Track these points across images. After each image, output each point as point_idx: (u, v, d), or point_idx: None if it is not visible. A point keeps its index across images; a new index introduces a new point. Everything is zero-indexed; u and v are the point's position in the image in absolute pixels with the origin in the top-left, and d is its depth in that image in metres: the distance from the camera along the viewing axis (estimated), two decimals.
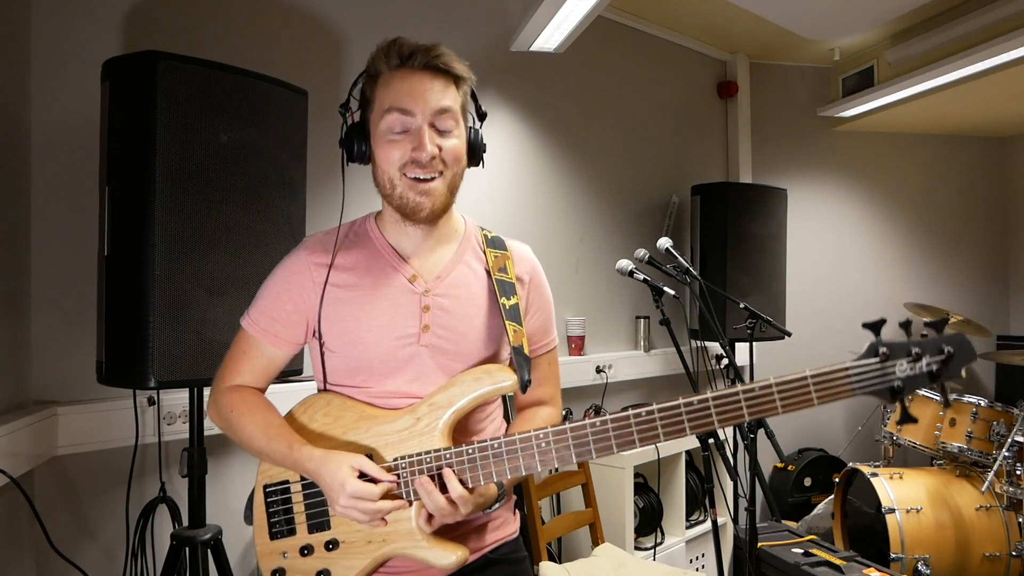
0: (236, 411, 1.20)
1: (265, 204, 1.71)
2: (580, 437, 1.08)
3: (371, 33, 2.61)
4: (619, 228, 3.56)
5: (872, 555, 2.79)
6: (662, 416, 1.03)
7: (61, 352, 1.91)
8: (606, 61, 3.54)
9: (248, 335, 1.23)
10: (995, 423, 2.97)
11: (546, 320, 1.30)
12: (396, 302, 1.17)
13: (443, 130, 1.12)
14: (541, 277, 1.30)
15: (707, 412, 1.01)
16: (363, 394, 1.18)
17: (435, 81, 1.12)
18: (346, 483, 1.06)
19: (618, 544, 2.63)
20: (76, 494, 1.95)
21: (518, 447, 1.08)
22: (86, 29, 1.97)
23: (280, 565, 1.18)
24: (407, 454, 1.11)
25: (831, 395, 0.98)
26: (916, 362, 0.96)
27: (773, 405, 0.99)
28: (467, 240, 1.25)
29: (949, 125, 4.51)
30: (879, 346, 0.97)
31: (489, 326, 1.20)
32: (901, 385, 0.96)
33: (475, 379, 1.14)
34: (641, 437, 1.05)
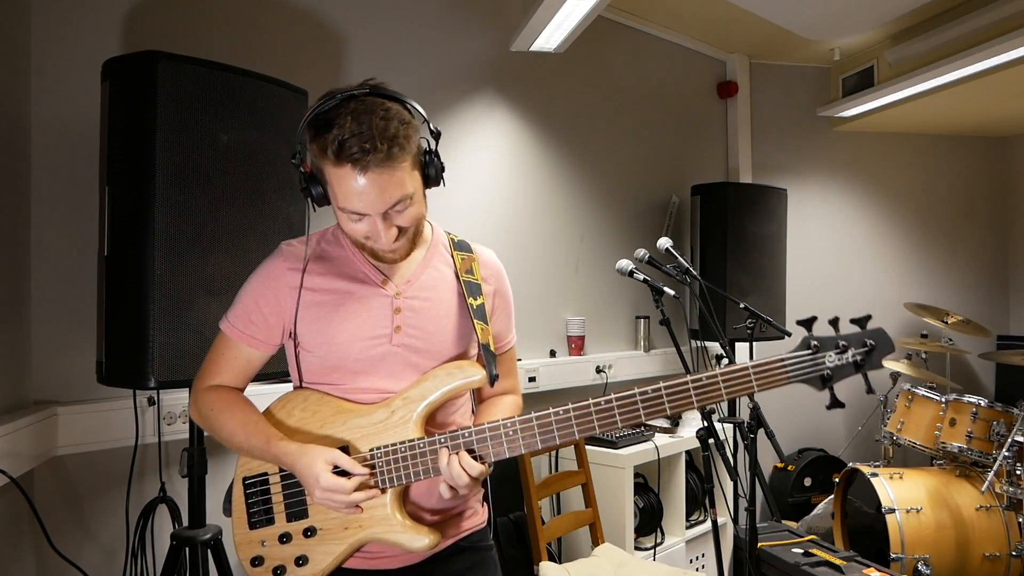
0: (215, 409, 1.24)
1: (265, 204, 1.71)
2: (544, 425, 1.14)
3: (371, 33, 2.61)
4: (619, 228, 3.56)
5: (872, 555, 2.79)
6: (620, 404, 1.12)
7: (61, 352, 1.91)
8: (606, 61, 3.54)
9: (227, 337, 1.27)
10: (995, 423, 2.97)
11: (509, 320, 1.38)
12: (368, 305, 1.22)
13: (399, 210, 1.12)
14: (505, 280, 1.37)
15: (659, 400, 1.11)
16: (338, 390, 1.23)
17: (382, 179, 1.07)
18: (320, 477, 1.11)
19: (618, 544, 2.63)
20: (76, 494, 1.95)
21: (487, 435, 1.15)
22: (86, 29, 1.97)
23: (259, 553, 1.22)
24: (382, 445, 1.17)
25: (769, 382, 1.11)
26: (843, 353, 1.11)
27: (718, 391, 1.11)
28: (434, 245, 1.30)
29: (949, 125, 4.51)
30: (811, 340, 1.12)
31: (458, 325, 1.26)
32: (830, 373, 1.11)
33: (447, 374, 1.20)
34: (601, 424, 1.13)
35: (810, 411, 4.31)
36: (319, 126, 1.08)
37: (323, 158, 1.08)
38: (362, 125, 1.05)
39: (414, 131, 1.12)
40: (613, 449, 2.80)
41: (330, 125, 1.06)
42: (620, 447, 2.81)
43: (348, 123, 1.05)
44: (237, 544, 1.24)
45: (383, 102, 1.10)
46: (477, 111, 2.98)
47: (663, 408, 1.12)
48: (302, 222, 1.86)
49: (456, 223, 2.83)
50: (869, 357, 1.12)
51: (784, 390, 4.15)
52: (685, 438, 3.03)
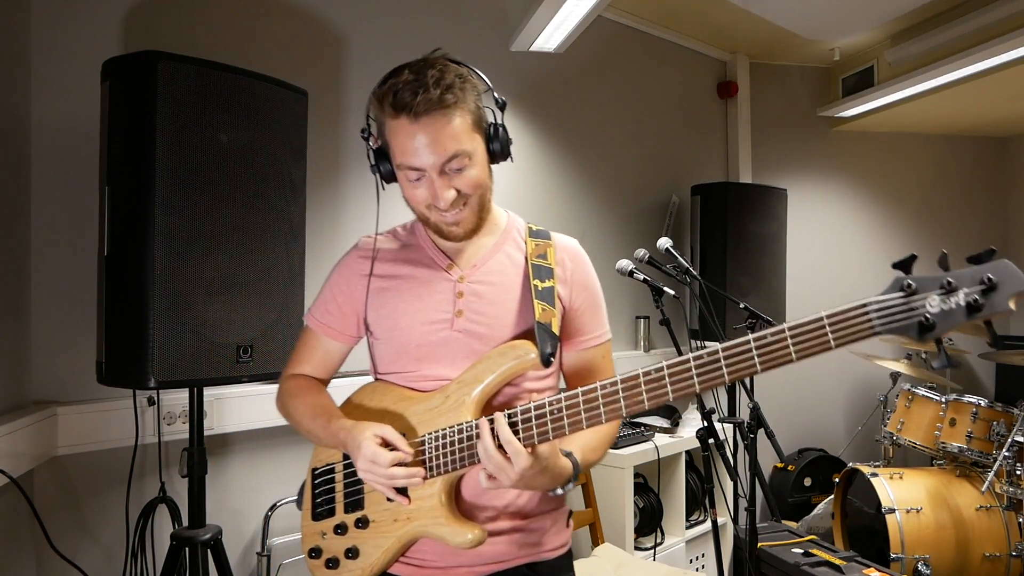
0: (290, 395, 1.29)
1: (265, 204, 1.71)
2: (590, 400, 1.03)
3: (371, 33, 2.61)
4: (619, 228, 3.56)
5: (872, 555, 2.79)
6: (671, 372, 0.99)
7: (61, 352, 1.91)
8: (606, 61, 3.54)
9: (308, 329, 1.32)
10: (995, 423, 2.97)
11: (593, 311, 1.27)
12: (432, 289, 1.21)
13: (457, 168, 1.10)
14: (585, 266, 1.28)
15: (717, 365, 0.95)
16: (404, 379, 1.22)
17: (435, 127, 1.07)
18: (362, 444, 1.09)
19: (618, 544, 2.63)
20: (76, 494, 1.95)
21: (532, 415, 1.05)
22: (86, 29, 1.97)
23: (317, 544, 1.21)
24: (435, 430, 1.13)
25: (848, 335, 0.87)
26: (950, 294, 0.84)
27: (787, 352, 0.90)
28: (508, 232, 1.26)
29: (949, 125, 4.51)
30: (905, 280, 0.86)
31: (521, 310, 1.19)
32: (931, 320, 0.84)
33: (500, 354, 1.14)
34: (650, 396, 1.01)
35: (810, 411, 4.32)
36: (381, 83, 1.11)
37: (382, 113, 1.11)
38: (418, 74, 1.07)
39: (471, 88, 1.12)
40: (613, 449, 2.80)
41: (389, 78, 1.10)
42: (620, 447, 2.81)
43: (405, 74, 1.08)
44: (303, 536, 1.24)
45: (443, 60, 1.12)
46: None
47: (721, 375, 0.95)
48: (302, 222, 1.86)
49: None
50: (988, 297, 0.82)
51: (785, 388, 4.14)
52: (685, 438, 3.03)
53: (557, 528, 1.24)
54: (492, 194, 1.21)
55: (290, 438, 2.29)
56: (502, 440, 1.02)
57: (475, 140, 1.12)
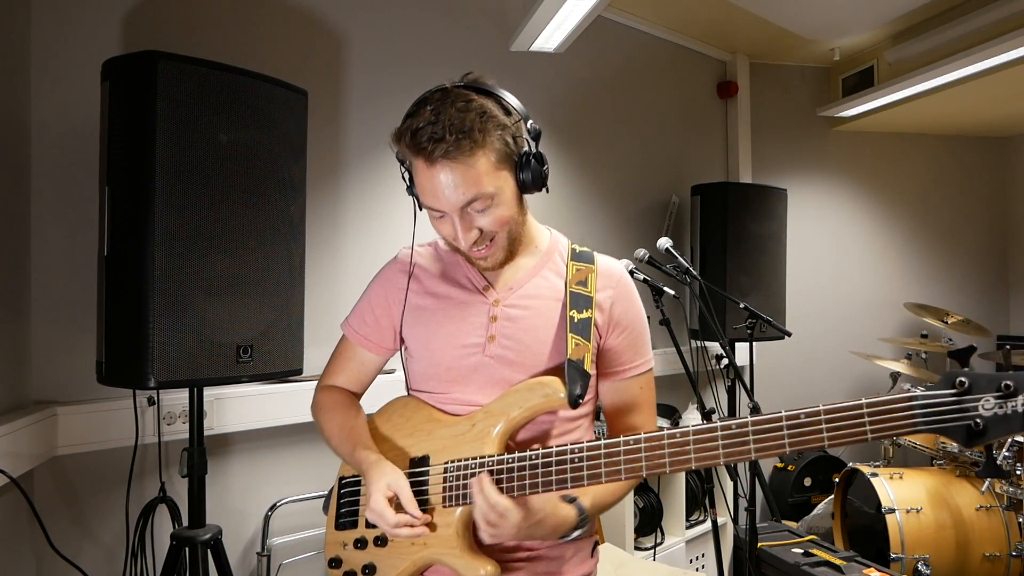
0: (323, 410, 1.29)
1: (265, 204, 1.71)
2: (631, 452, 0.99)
3: (371, 33, 2.61)
4: (619, 228, 3.56)
5: (872, 555, 2.79)
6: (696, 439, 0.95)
7: (61, 352, 1.91)
8: (606, 61, 3.54)
9: (345, 339, 1.32)
10: None
11: (634, 340, 1.22)
12: (466, 311, 1.18)
13: (480, 210, 1.07)
14: (628, 295, 1.22)
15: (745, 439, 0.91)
16: (434, 399, 1.21)
17: (453, 172, 1.02)
18: (372, 498, 1.09)
19: (618, 544, 2.63)
20: (76, 494, 1.95)
21: (553, 460, 1.03)
22: (86, 29, 1.97)
23: (338, 555, 1.22)
24: (457, 458, 1.12)
25: (888, 430, 0.82)
26: (1008, 399, 0.75)
27: (820, 436, 0.86)
28: (549, 254, 1.23)
29: (949, 125, 4.51)
30: (957, 376, 0.80)
31: (556, 339, 1.15)
32: (982, 425, 0.77)
33: (529, 389, 1.12)
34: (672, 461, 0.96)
35: None
36: (406, 115, 1.08)
37: (402, 149, 1.07)
38: (438, 115, 1.02)
39: (495, 126, 1.06)
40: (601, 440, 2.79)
41: (411, 115, 1.06)
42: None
43: (426, 112, 1.03)
44: (325, 543, 1.25)
45: (468, 94, 1.07)
46: None
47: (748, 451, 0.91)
48: (302, 222, 1.86)
49: None
50: None
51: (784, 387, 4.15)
52: None
53: (580, 557, 1.20)
54: (524, 224, 1.18)
55: (290, 438, 2.29)
56: (488, 502, 1.00)
57: (500, 177, 1.07)
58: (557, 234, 1.27)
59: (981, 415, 0.77)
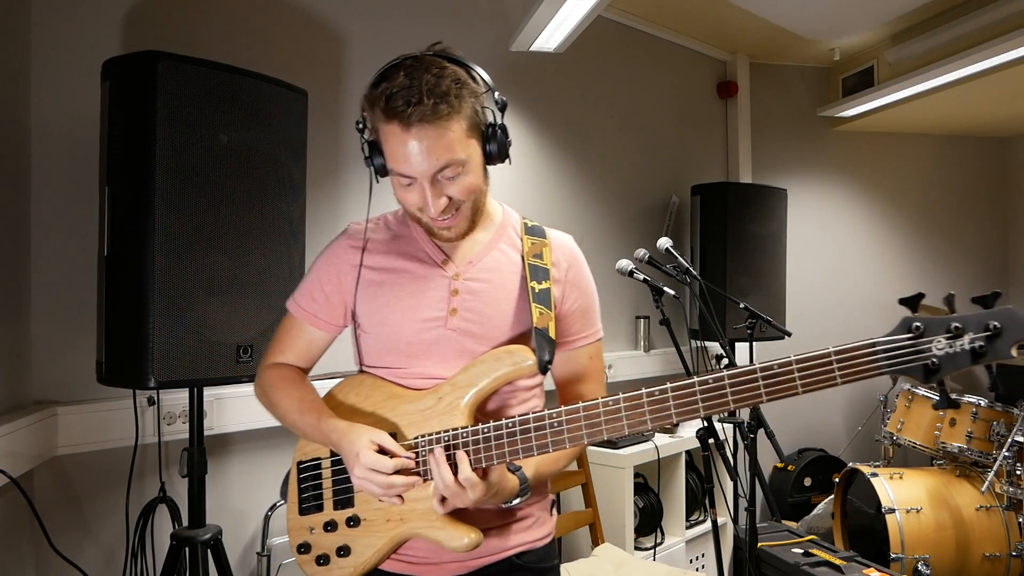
0: (274, 387, 1.25)
1: (265, 204, 1.71)
2: (592, 416, 1.03)
3: (371, 33, 2.61)
4: (619, 228, 3.56)
5: (872, 555, 2.79)
6: (675, 396, 0.99)
7: (61, 352, 1.91)
8: (606, 61, 3.54)
9: (291, 316, 1.28)
10: (995, 423, 2.97)
11: (585, 310, 1.26)
12: (425, 285, 1.18)
13: (450, 176, 1.08)
14: (580, 267, 1.27)
15: (723, 392, 0.95)
16: (393, 375, 1.20)
17: (428, 137, 1.03)
18: (361, 453, 1.07)
19: (618, 544, 2.63)
20: (76, 494, 1.95)
21: (531, 427, 1.06)
22: (86, 29, 1.97)
23: (306, 540, 1.20)
24: (427, 432, 1.12)
25: (855, 373, 0.89)
26: (956, 339, 0.86)
27: (793, 385, 0.92)
28: (503, 227, 1.25)
29: (949, 125, 4.51)
30: (913, 321, 0.89)
31: (518, 310, 1.18)
32: (937, 363, 0.87)
33: (496, 359, 1.13)
34: (653, 417, 1.00)
35: (810, 411, 4.31)
36: (374, 82, 1.07)
37: (374, 115, 1.07)
38: (412, 80, 1.03)
39: (469, 93, 1.07)
40: (613, 449, 2.80)
41: (382, 80, 1.05)
42: (620, 447, 2.81)
43: (399, 77, 1.03)
44: (289, 529, 1.23)
45: (440, 61, 1.07)
46: None
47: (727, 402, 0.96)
48: (302, 222, 1.86)
49: None
50: (992, 344, 0.85)
51: None
52: (685, 438, 3.03)
53: (543, 519, 1.25)
54: (487, 195, 1.20)
55: (290, 438, 2.28)
56: (461, 477, 1.03)
57: (470, 146, 1.09)
58: (509, 209, 1.29)
59: (935, 355, 0.87)
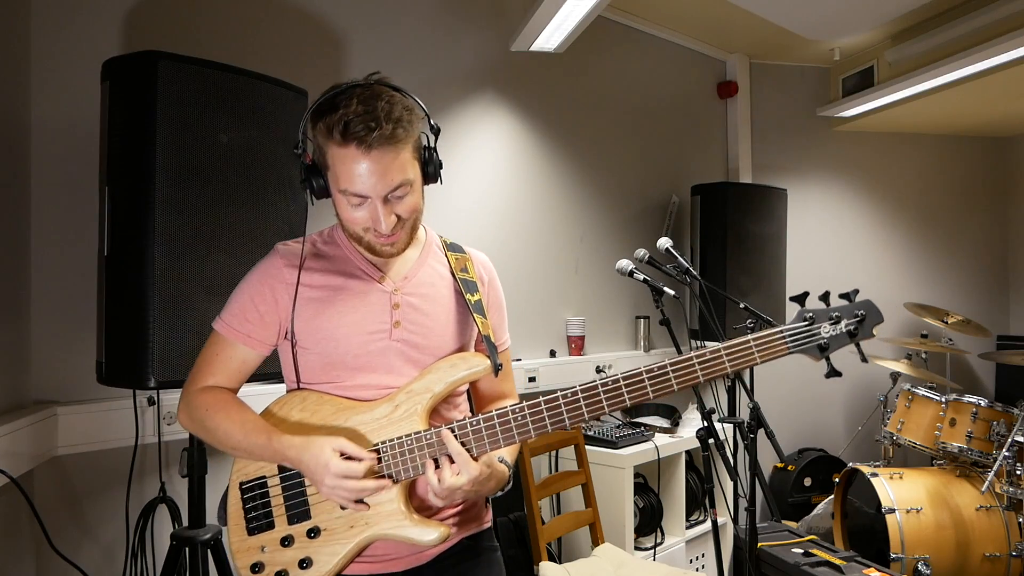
0: (211, 410, 1.22)
1: (265, 204, 1.71)
2: (553, 407, 1.15)
3: (371, 33, 2.61)
4: (619, 228, 3.56)
5: (872, 555, 2.79)
6: (627, 383, 1.15)
7: (61, 352, 1.91)
8: (606, 61, 3.54)
9: (221, 337, 1.26)
10: (995, 423, 2.97)
11: (502, 320, 1.39)
12: (367, 300, 1.23)
13: (399, 196, 1.15)
14: (497, 281, 1.40)
15: (666, 376, 1.15)
16: (337, 388, 1.23)
17: (384, 159, 1.10)
18: (330, 463, 1.09)
19: (618, 544, 2.63)
20: (76, 494, 1.95)
21: (496, 421, 1.16)
22: (86, 29, 1.97)
23: (258, 560, 1.19)
24: (388, 438, 1.17)
25: (770, 353, 1.16)
26: (836, 324, 1.18)
27: (721, 364, 1.15)
28: (428, 246, 1.32)
29: (949, 125, 4.51)
30: (806, 313, 1.19)
31: (457, 321, 1.28)
32: (826, 343, 1.18)
33: (451, 365, 1.21)
34: (610, 403, 1.16)
35: (810, 411, 4.31)
36: (325, 110, 1.11)
37: (328, 140, 1.11)
38: (368, 106, 1.09)
39: (417, 119, 1.16)
40: (613, 449, 2.80)
41: (336, 107, 1.10)
42: (620, 447, 2.81)
43: (354, 105, 1.09)
44: (234, 552, 1.21)
45: (387, 90, 1.15)
46: (477, 111, 2.98)
47: (670, 385, 1.15)
48: (302, 222, 1.86)
49: (456, 223, 2.84)
50: (861, 326, 1.18)
51: (785, 388, 4.14)
52: (685, 438, 3.03)
53: (484, 506, 1.37)
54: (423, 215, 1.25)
55: None
56: (452, 452, 1.13)
57: (415, 168, 1.17)
58: (429, 228, 1.36)
59: (823, 336, 1.18)
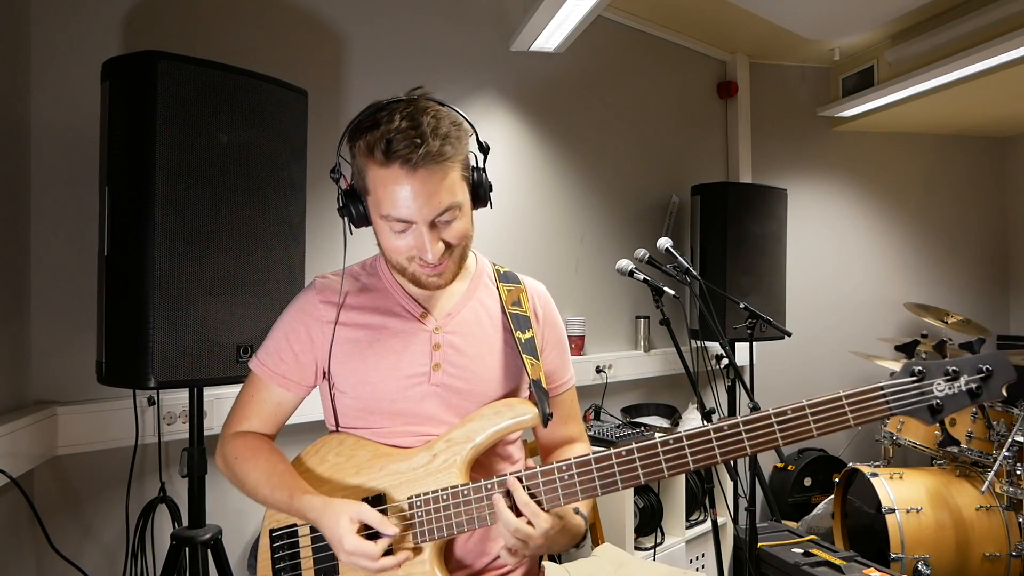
0: (240, 458, 1.16)
1: (265, 204, 1.71)
2: (605, 468, 1.03)
3: (371, 33, 2.61)
4: (619, 228, 3.56)
5: (872, 555, 2.79)
6: (691, 443, 1.01)
7: (61, 352, 1.91)
8: (606, 61, 3.54)
9: (257, 378, 1.20)
10: (995, 423, 2.97)
11: (563, 356, 1.27)
12: (406, 340, 1.14)
13: (447, 221, 1.05)
14: (555, 313, 1.27)
15: (738, 438, 0.99)
16: (375, 434, 1.15)
17: (432, 180, 1.00)
18: (344, 539, 1.01)
19: (618, 544, 2.63)
20: (76, 494, 1.95)
21: (540, 480, 1.03)
22: (86, 29, 1.97)
23: None
24: (421, 492, 1.07)
25: (866, 415, 0.98)
26: (954, 381, 0.97)
27: (808, 428, 0.97)
28: (479, 277, 1.22)
29: (949, 125, 4.51)
30: (914, 366, 0.98)
31: (504, 363, 1.16)
32: (940, 404, 0.96)
33: (495, 412, 1.10)
34: (669, 466, 1.02)
35: None
36: (365, 127, 1.02)
37: (369, 160, 1.02)
38: (412, 122, 1.00)
39: (465, 135, 1.06)
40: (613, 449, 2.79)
41: (378, 124, 1.01)
42: (620, 447, 2.81)
43: (397, 121, 1.00)
44: None
45: (433, 104, 1.05)
46: (477, 111, 2.97)
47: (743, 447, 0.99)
48: (302, 222, 1.86)
49: None
50: (986, 384, 0.96)
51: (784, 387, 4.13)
52: None
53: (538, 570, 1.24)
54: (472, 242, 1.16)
55: (290, 438, 2.29)
56: (519, 504, 1.00)
57: (464, 190, 1.07)
58: (481, 256, 1.26)
59: (937, 396, 0.97)
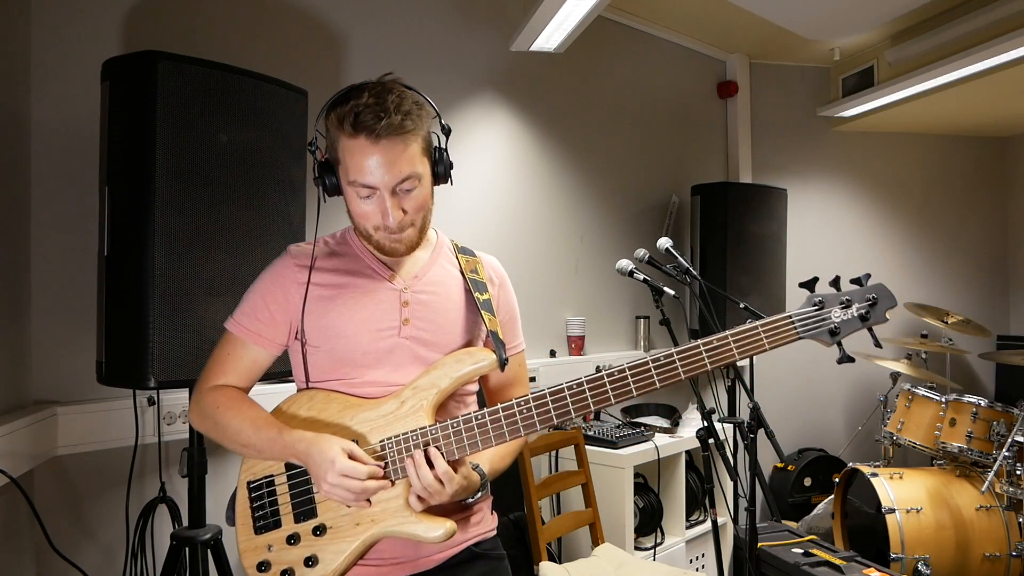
0: (221, 407, 1.23)
1: (265, 204, 1.71)
2: (559, 400, 1.15)
3: (371, 33, 2.61)
4: (619, 228, 3.56)
5: (872, 555, 2.79)
6: (632, 372, 1.14)
7: (61, 352, 1.91)
8: (606, 61, 3.54)
9: (233, 336, 1.28)
10: (995, 423, 2.97)
11: (513, 322, 1.39)
12: (377, 298, 1.24)
13: (407, 189, 1.17)
14: (509, 285, 1.40)
15: (672, 365, 1.13)
16: (345, 386, 1.24)
17: (393, 149, 1.13)
18: (336, 460, 1.10)
19: (618, 544, 2.63)
20: (76, 494, 1.95)
21: (501, 415, 1.16)
22: (86, 29, 1.97)
23: (265, 558, 1.19)
24: (393, 435, 1.17)
25: (780, 339, 1.13)
26: (847, 308, 1.14)
27: (729, 352, 1.14)
28: (439, 247, 1.34)
29: (949, 125, 4.51)
30: (815, 297, 1.15)
31: (466, 319, 1.29)
32: (837, 327, 1.14)
33: (456, 360, 1.21)
34: (616, 394, 1.14)
35: (810, 411, 4.32)
36: (338, 103, 1.15)
37: (339, 131, 1.14)
38: (379, 98, 1.12)
39: (427, 115, 1.18)
40: (613, 449, 2.80)
41: (348, 100, 1.14)
42: (620, 447, 2.81)
43: (366, 97, 1.13)
44: (241, 552, 1.21)
45: (399, 86, 1.18)
46: (477, 111, 2.98)
47: (676, 373, 1.13)
48: (302, 222, 1.86)
49: (456, 223, 2.84)
50: (873, 310, 1.14)
51: (785, 388, 4.14)
52: (685, 438, 3.03)
53: (489, 514, 1.36)
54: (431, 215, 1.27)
55: None
56: (440, 471, 1.12)
57: (424, 164, 1.19)
58: (441, 232, 1.38)
59: (834, 321, 1.14)
